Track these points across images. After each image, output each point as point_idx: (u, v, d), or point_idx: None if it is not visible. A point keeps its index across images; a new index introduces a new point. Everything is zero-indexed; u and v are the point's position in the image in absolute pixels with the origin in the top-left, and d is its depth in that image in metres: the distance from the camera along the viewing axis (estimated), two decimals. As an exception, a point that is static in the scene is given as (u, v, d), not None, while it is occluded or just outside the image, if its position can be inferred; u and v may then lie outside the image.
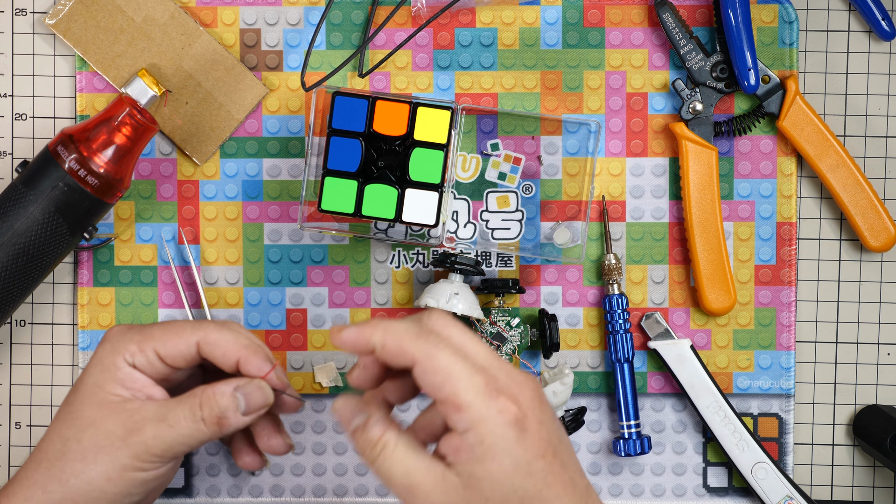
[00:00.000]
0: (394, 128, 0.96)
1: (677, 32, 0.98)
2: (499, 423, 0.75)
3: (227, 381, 0.86)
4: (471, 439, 0.75)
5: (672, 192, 1.01)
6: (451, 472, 0.76)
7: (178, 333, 0.86)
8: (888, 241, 1.00)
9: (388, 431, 0.77)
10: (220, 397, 0.85)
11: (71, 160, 0.93)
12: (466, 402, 0.75)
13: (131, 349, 0.86)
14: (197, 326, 0.87)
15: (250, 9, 1.00)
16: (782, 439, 1.01)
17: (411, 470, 0.76)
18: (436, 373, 0.75)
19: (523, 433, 0.76)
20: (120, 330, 0.87)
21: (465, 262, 0.97)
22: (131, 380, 0.86)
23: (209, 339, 0.86)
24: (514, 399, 0.76)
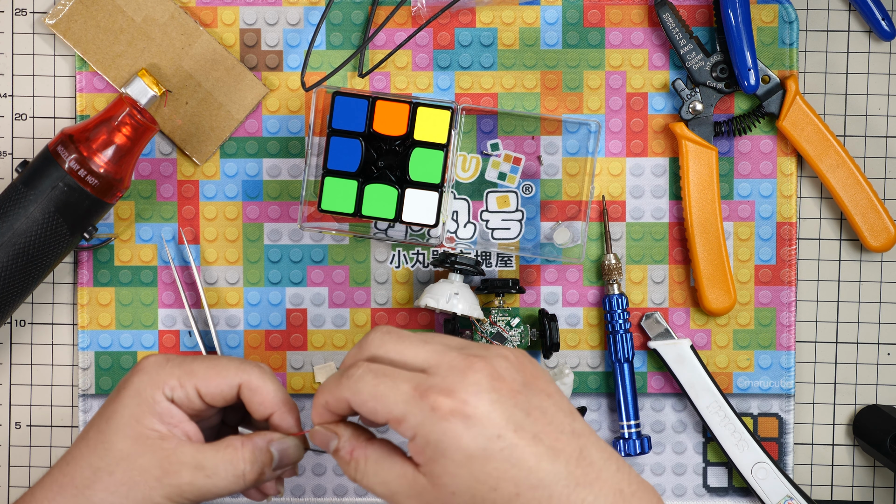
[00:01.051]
0: (394, 128, 0.96)
1: (677, 32, 0.98)
2: (435, 420, 0.77)
3: (262, 435, 0.86)
4: (420, 443, 0.78)
5: (672, 192, 1.01)
6: (419, 474, 0.79)
7: (222, 373, 0.85)
8: (888, 241, 1.00)
9: (356, 449, 0.81)
10: (260, 453, 0.85)
11: (71, 160, 0.93)
12: (400, 413, 0.78)
13: (171, 383, 0.84)
14: (241, 369, 0.86)
15: (250, 9, 1.00)
16: (782, 439, 1.01)
17: (386, 479, 0.80)
18: (365, 402, 0.79)
19: (468, 421, 0.76)
20: (158, 361, 0.86)
21: (465, 262, 0.97)
22: (169, 415, 0.84)
23: (252, 384, 0.85)
24: (447, 392, 0.77)
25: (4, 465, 1.03)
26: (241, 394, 0.85)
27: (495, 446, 0.77)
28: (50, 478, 0.86)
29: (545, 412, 0.79)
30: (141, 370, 0.85)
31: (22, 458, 1.03)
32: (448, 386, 0.77)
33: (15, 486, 1.02)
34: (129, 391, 0.85)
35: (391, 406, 0.78)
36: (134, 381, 0.85)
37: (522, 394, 0.78)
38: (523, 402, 0.78)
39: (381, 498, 0.81)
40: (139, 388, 0.85)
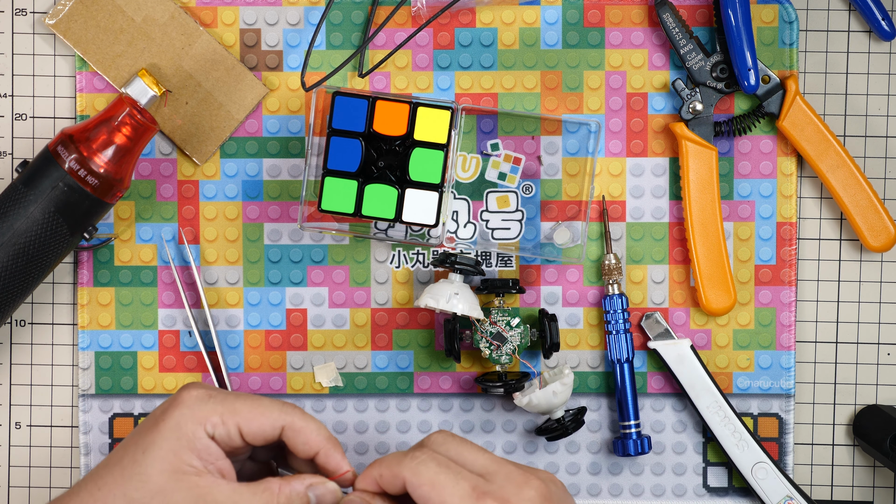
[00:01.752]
0: (394, 128, 0.96)
1: (677, 32, 0.98)
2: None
3: (300, 479, 0.85)
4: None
5: (672, 192, 1.01)
6: None
7: (265, 413, 0.85)
8: (888, 241, 1.00)
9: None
10: (296, 498, 0.85)
11: (71, 160, 0.93)
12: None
13: (214, 420, 0.84)
14: (284, 410, 0.85)
15: (250, 9, 1.00)
16: (782, 439, 1.01)
17: None
18: (422, 485, 0.81)
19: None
20: (200, 396, 0.85)
21: (465, 262, 0.97)
22: (207, 451, 0.84)
23: (296, 425, 0.85)
24: (502, 500, 0.80)
25: (4, 465, 1.03)
26: (283, 435, 0.85)
27: None
28: (78, 498, 0.85)
29: None
30: (181, 403, 0.85)
31: (22, 458, 1.03)
32: (504, 495, 0.81)
33: (15, 486, 1.02)
34: (169, 423, 0.84)
35: (447, 497, 0.81)
36: (174, 414, 0.84)
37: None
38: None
39: None
40: (179, 422, 0.84)
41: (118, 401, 1.01)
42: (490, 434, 1.01)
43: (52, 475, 1.03)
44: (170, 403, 0.85)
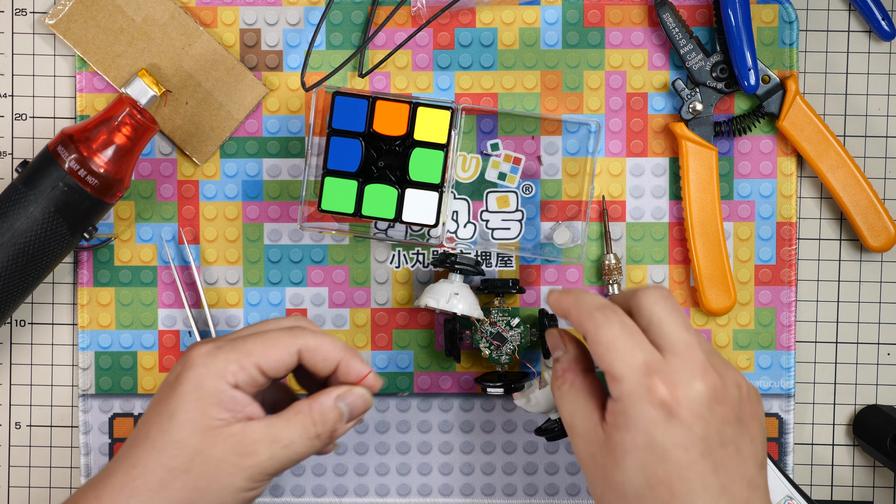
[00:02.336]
0: (394, 128, 0.96)
1: (677, 32, 0.98)
2: (644, 400, 0.79)
3: (327, 394, 0.86)
4: (618, 408, 0.80)
5: (672, 192, 1.01)
6: (601, 429, 0.81)
7: (278, 344, 0.85)
8: (888, 241, 1.00)
9: (569, 371, 0.85)
10: (329, 412, 0.85)
11: (71, 160, 0.93)
12: (620, 374, 0.80)
13: (232, 369, 0.84)
14: (294, 334, 0.85)
15: (250, 9, 1.00)
16: (782, 439, 1.01)
17: (574, 410, 0.83)
18: (599, 343, 0.81)
19: (670, 419, 0.79)
20: (209, 350, 0.85)
21: (465, 262, 0.97)
22: (234, 402, 0.84)
23: (310, 346, 0.85)
24: (670, 384, 0.79)
25: (4, 465, 1.03)
26: (301, 358, 0.85)
27: (677, 454, 0.79)
28: (114, 479, 0.84)
29: (740, 452, 0.81)
30: (193, 363, 0.84)
31: (22, 458, 1.03)
32: (674, 380, 0.80)
33: (15, 486, 1.02)
34: (188, 386, 0.84)
35: (616, 363, 0.80)
36: (190, 375, 0.84)
37: (732, 426, 0.81)
38: (728, 434, 0.80)
39: (564, 424, 0.84)
40: (198, 382, 0.84)
41: (118, 401, 1.01)
42: (490, 434, 1.01)
43: (52, 475, 1.03)
44: (181, 367, 0.84)
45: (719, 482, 0.80)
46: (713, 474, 0.80)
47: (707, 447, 0.80)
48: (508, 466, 1.02)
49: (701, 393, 0.80)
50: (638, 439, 0.79)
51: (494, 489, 1.02)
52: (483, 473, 1.02)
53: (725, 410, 0.81)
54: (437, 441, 1.02)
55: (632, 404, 0.79)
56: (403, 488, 1.02)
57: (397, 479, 1.02)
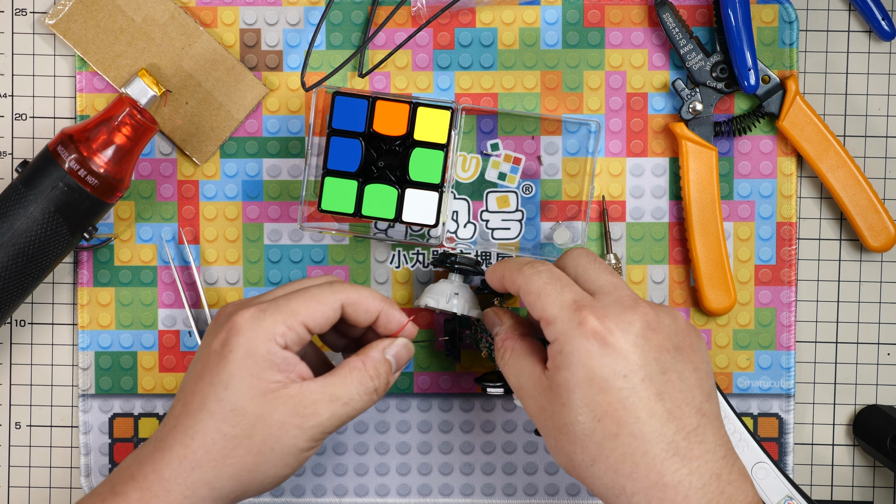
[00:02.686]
0: (394, 128, 0.96)
1: (677, 32, 0.98)
2: (577, 334, 0.81)
3: (375, 347, 0.88)
4: (555, 349, 0.82)
5: (672, 192, 1.01)
6: (544, 377, 0.83)
7: (322, 300, 0.86)
8: (888, 241, 1.00)
9: (508, 340, 0.88)
10: (380, 365, 0.87)
11: (71, 160, 0.93)
12: (552, 315, 0.83)
13: (280, 330, 0.84)
14: (334, 289, 0.87)
15: (250, 9, 1.00)
16: (782, 439, 1.01)
17: (519, 372, 0.86)
18: (530, 293, 0.84)
19: (605, 348, 0.81)
20: (254, 314, 0.85)
21: (464, 262, 0.97)
22: (286, 363, 0.85)
23: (352, 299, 0.87)
24: (600, 316, 0.81)
25: (4, 465, 1.03)
26: (344, 313, 0.87)
27: (617, 383, 0.80)
28: (171, 452, 0.85)
29: (683, 380, 0.82)
30: (240, 328, 0.85)
31: (22, 458, 1.03)
32: (604, 312, 0.82)
33: (15, 486, 1.02)
34: (240, 352, 0.84)
35: (547, 306, 0.83)
36: (240, 341, 0.84)
37: (670, 353, 0.82)
38: (667, 360, 0.82)
39: (513, 388, 0.86)
40: (250, 348, 0.84)
41: (118, 401, 1.01)
42: (490, 434, 1.01)
43: (52, 475, 1.03)
44: (227, 333, 0.85)
45: (665, 408, 0.81)
46: (657, 400, 0.81)
47: (647, 374, 0.81)
48: (508, 466, 1.02)
49: (633, 322, 0.82)
50: (578, 374, 0.81)
51: (494, 489, 1.02)
52: (483, 473, 1.02)
53: (661, 338, 0.82)
54: (437, 441, 1.02)
55: (566, 340, 0.81)
56: (403, 488, 1.02)
57: (397, 479, 1.02)
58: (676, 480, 0.80)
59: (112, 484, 0.86)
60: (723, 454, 0.82)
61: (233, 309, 0.87)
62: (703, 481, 0.80)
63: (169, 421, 0.86)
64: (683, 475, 0.80)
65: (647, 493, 0.80)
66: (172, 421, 0.85)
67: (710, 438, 0.82)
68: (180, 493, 0.84)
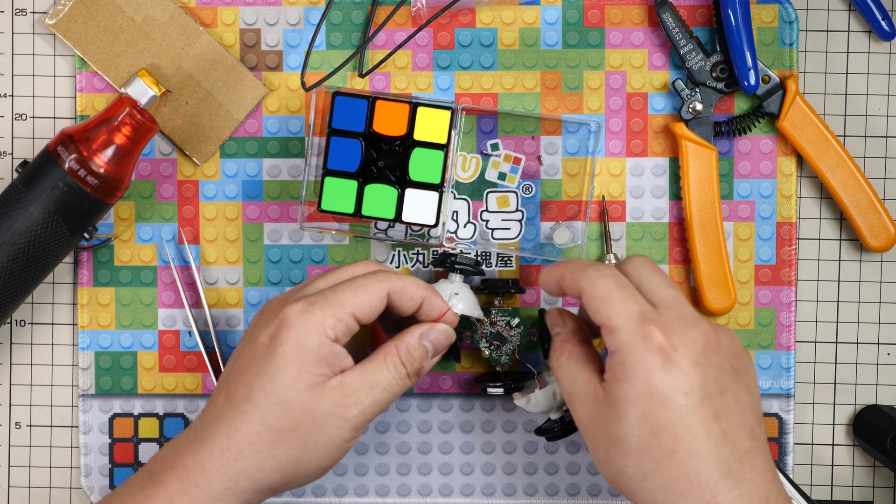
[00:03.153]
0: (394, 128, 0.96)
1: (677, 32, 0.98)
2: (641, 348, 0.81)
3: (411, 333, 0.89)
4: (616, 360, 0.81)
5: (672, 192, 1.01)
6: (600, 387, 0.83)
7: (369, 290, 0.87)
8: (888, 241, 1.00)
9: (567, 343, 0.87)
10: (415, 350, 0.88)
11: (71, 160, 0.93)
12: (616, 325, 0.82)
13: (331, 323, 0.85)
14: (380, 278, 0.88)
15: (250, 9, 1.00)
16: (782, 439, 1.01)
17: (574, 379, 0.85)
18: (594, 297, 0.83)
19: (668, 364, 0.80)
20: (303, 307, 0.86)
21: (465, 262, 0.97)
22: (334, 355, 0.86)
23: (396, 287, 0.88)
24: (666, 331, 0.81)
25: (4, 465, 1.03)
26: (389, 301, 0.88)
27: (677, 400, 0.80)
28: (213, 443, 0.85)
29: (739, 402, 0.82)
30: (290, 322, 0.85)
31: (22, 458, 1.03)
32: (669, 327, 0.81)
33: (15, 486, 1.02)
34: (289, 345, 0.85)
35: (613, 314, 0.82)
36: (290, 335, 0.85)
37: (728, 375, 0.82)
38: (725, 382, 0.82)
39: (563, 392, 0.86)
40: (300, 341, 0.85)
41: (118, 401, 1.01)
42: (490, 434, 1.01)
43: (52, 475, 1.03)
44: (276, 327, 0.86)
45: (720, 429, 0.80)
46: (714, 421, 0.80)
47: (706, 393, 0.81)
48: (508, 466, 1.02)
49: (696, 340, 0.81)
50: (638, 387, 0.80)
51: (494, 489, 1.02)
52: (483, 473, 1.02)
53: (720, 359, 0.82)
54: (437, 441, 1.02)
55: (629, 352, 0.81)
56: (403, 488, 1.02)
57: (397, 479, 1.02)
58: (728, 501, 0.80)
59: (150, 473, 0.86)
60: (771, 478, 0.82)
61: (279, 302, 0.88)
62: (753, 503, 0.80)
63: (210, 412, 0.86)
64: (734, 496, 0.80)
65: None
66: (214, 412, 0.86)
67: (761, 462, 0.81)
68: (221, 483, 0.85)
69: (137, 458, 1.01)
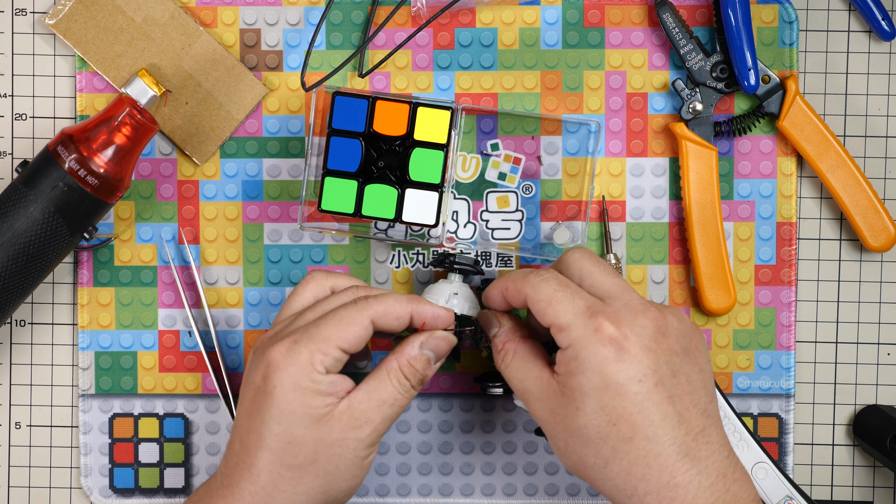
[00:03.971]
0: (394, 128, 0.96)
1: (677, 32, 0.98)
2: (593, 340, 0.82)
3: (411, 344, 0.89)
4: (568, 354, 0.83)
5: (672, 192, 1.01)
6: (554, 381, 0.84)
7: (352, 322, 0.87)
8: (888, 241, 1.00)
9: (509, 342, 0.88)
10: (416, 361, 0.89)
11: (71, 160, 0.93)
12: (565, 322, 0.83)
13: (318, 358, 0.86)
14: (361, 307, 0.88)
15: (250, 9, 1.00)
16: (782, 439, 1.01)
17: (524, 376, 0.86)
18: (540, 301, 0.84)
19: (621, 354, 0.82)
20: (287, 347, 0.86)
21: (464, 262, 0.97)
22: (333, 386, 0.86)
23: (378, 312, 0.88)
24: (615, 322, 0.82)
25: (4, 465, 1.03)
26: (375, 326, 0.88)
27: (632, 387, 0.81)
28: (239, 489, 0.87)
29: (690, 382, 0.83)
30: (277, 366, 0.86)
31: (22, 458, 1.03)
32: (618, 317, 0.82)
33: (15, 486, 1.02)
34: (284, 387, 0.86)
35: (561, 313, 0.83)
36: (281, 377, 0.86)
37: (679, 356, 0.83)
38: (677, 363, 0.83)
39: (514, 390, 0.87)
40: (293, 382, 0.86)
41: (118, 401, 1.01)
42: (490, 434, 1.01)
43: (52, 475, 1.03)
44: (265, 370, 0.86)
45: (675, 410, 0.82)
46: (669, 403, 0.82)
47: (659, 378, 0.82)
48: (508, 466, 1.02)
49: (645, 326, 0.83)
50: (594, 380, 0.82)
51: (494, 489, 1.02)
52: (483, 473, 1.02)
53: (671, 342, 0.83)
54: (437, 441, 1.02)
55: (582, 346, 0.82)
56: (403, 488, 1.02)
57: (397, 479, 1.02)
58: (687, 481, 0.81)
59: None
60: (726, 454, 0.83)
61: (263, 343, 0.88)
62: (710, 481, 0.82)
63: (230, 458, 0.88)
64: (693, 475, 0.82)
65: (659, 494, 0.81)
66: (234, 458, 0.88)
67: (716, 439, 0.83)
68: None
69: (137, 458, 1.01)
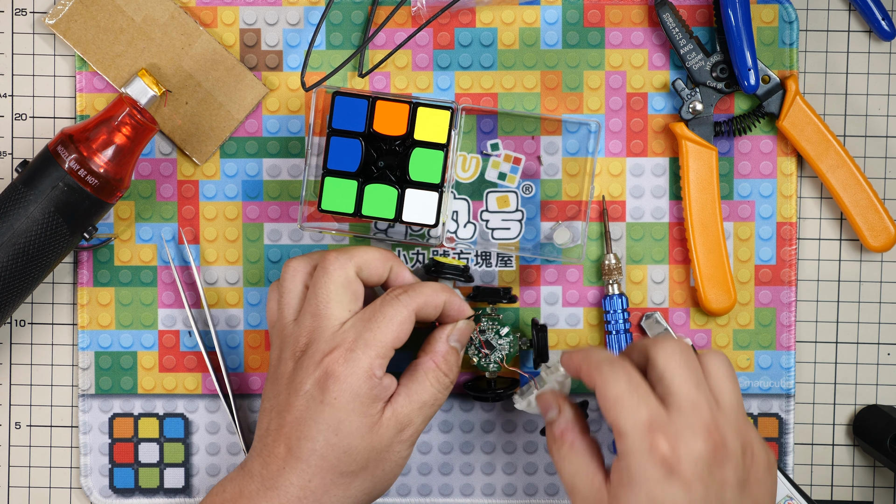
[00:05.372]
0: (394, 128, 0.96)
1: (677, 32, 0.98)
2: (646, 456, 0.81)
3: (439, 340, 0.92)
4: (622, 465, 0.81)
5: (672, 192, 1.01)
6: (604, 488, 0.83)
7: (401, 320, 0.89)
8: (888, 241, 1.00)
9: (568, 432, 0.87)
10: (450, 356, 0.91)
11: (71, 160, 0.93)
12: (624, 429, 0.82)
13: (377, 364, 0.88)
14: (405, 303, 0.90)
15: (250, 9, 1.00)
16: (782, 439, 1.01)
17: (576, 473, 0.85)
18: (606, 398, 0.83)
19: (670, 476, 0.80)
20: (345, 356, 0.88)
21: (451, 270, 0.97)
22: (385, 390, 0.89)
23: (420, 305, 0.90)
24: (672, 441, 0.81)
25: (4, 465, 1.03)
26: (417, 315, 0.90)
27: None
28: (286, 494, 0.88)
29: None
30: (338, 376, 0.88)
31: (22, 458, 1.03)
32: (676, 436, 0.81)
33: (15, 486, 1.02)
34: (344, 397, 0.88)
35: (621, 419, 0.82)
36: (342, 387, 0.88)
37: (731, 490, 0.82)
38: (727, 497, 0.82)
39: (561, 481, 0.87)
40: (354, 392, 0.88)
41: (118, 401, 1.01)
42: (490, 434, 1.01)
43: (52, 475, 1.03)
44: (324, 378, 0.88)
45: None
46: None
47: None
48: (508, 466, 1.02)
49: (701, 452, 0.81)
50: (640, 498, 0.81)
51: (494, 489, 1.02)
52: (483, 473, 1.02)
53: (726, 472, 0.82)
54: (437, 441, 1.02)
55: (634, 460, 0.81)
56: (403, 488, 1.02)
57: (397, 479, 1.01)
58: None
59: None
60: None
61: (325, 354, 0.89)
62: None
63: (272, 461, 0.89)
64: None
65: None
66: (279, 462, 0.89)
67: None
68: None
69: (137, 458, 1.01)
